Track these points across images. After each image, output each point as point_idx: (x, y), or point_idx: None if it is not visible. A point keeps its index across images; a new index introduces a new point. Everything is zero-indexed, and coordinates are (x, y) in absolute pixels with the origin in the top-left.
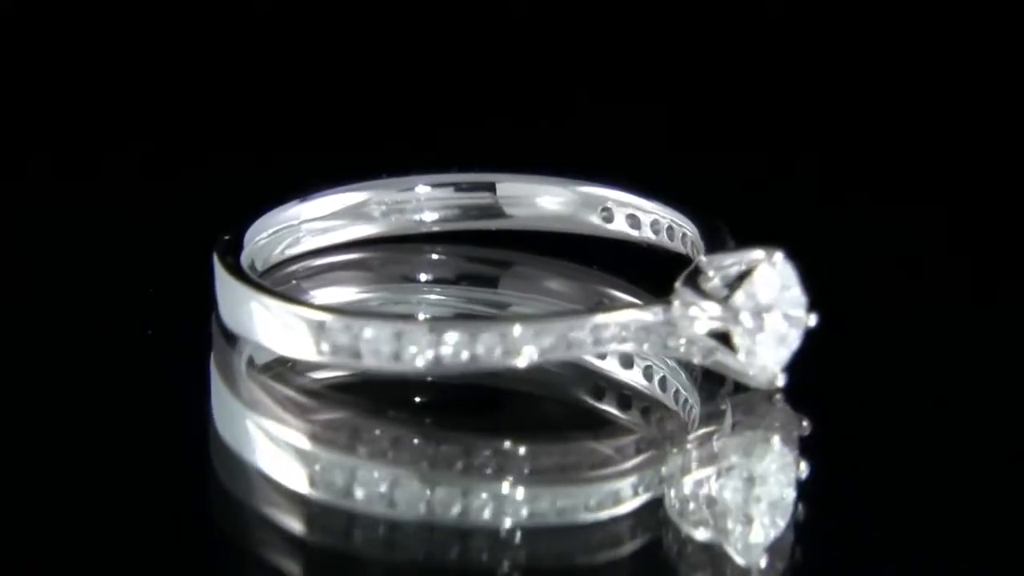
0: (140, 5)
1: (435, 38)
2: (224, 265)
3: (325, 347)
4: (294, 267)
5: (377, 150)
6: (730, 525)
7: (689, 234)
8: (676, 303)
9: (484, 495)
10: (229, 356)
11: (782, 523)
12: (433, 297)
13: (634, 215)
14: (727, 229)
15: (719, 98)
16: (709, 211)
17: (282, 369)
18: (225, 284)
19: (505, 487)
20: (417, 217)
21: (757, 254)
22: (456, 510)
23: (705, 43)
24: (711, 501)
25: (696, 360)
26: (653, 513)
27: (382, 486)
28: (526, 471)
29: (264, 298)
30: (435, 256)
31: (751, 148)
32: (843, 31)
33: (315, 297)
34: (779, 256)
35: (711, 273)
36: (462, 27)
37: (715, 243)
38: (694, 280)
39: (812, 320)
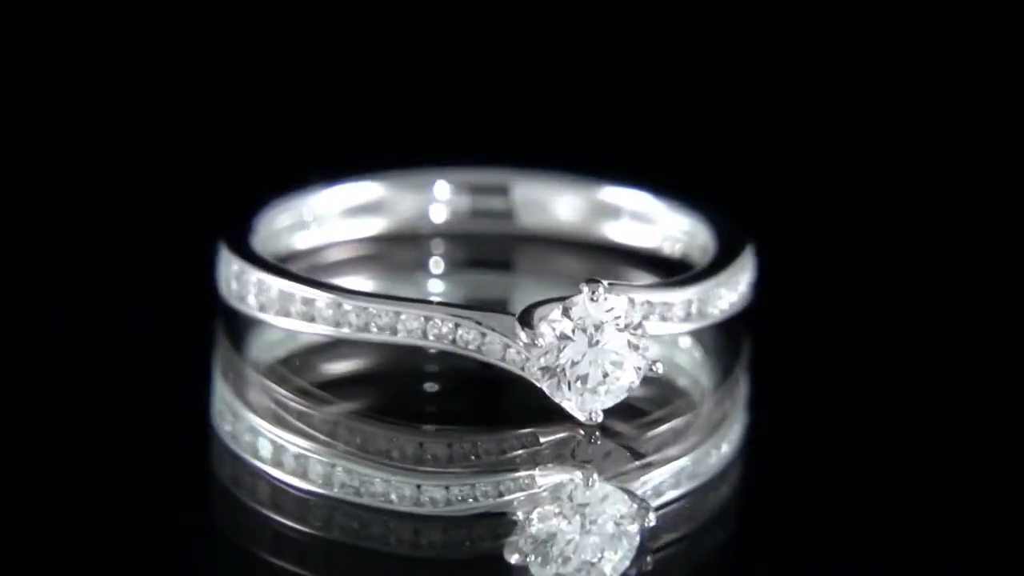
0: None
1: (456, 32)
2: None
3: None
4: (305, 257)
5: (393, 143)
6: (529, 555)
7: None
8: (515, 323)
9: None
10: (233, 357)
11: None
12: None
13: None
14: (747, 236)
15: (743, 100)
16: (730, 218)
17: (286, 371)
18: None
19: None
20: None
21: (582, 300)
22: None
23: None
24: (521, 527)
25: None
26: None
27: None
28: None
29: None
30: (445, 243)
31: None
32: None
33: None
34: (612, 303)
35: (561, 309)
36: (483, 20)
37: (728, 253)
38: (535, 308)
39: (659, 368)
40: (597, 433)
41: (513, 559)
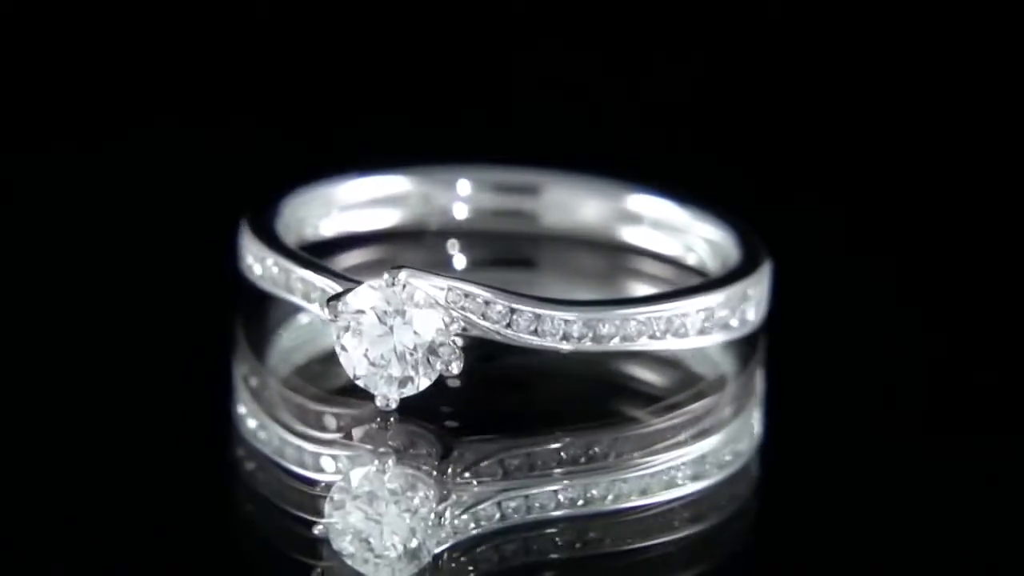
0: None
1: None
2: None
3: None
4: (327, 246)
5: (422, 136)
6: (328, 531)
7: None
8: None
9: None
10: (254, 363)
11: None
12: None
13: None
14: (765, 247)
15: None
16: (753, 228)
17: (304, 377)
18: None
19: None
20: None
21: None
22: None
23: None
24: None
25: None
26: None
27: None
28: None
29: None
30: (468, 239)
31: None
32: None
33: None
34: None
35: (360, 291)
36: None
37: (748, 262)
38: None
39: (454, 368)
40: (391, 419)
41: (316, 531)
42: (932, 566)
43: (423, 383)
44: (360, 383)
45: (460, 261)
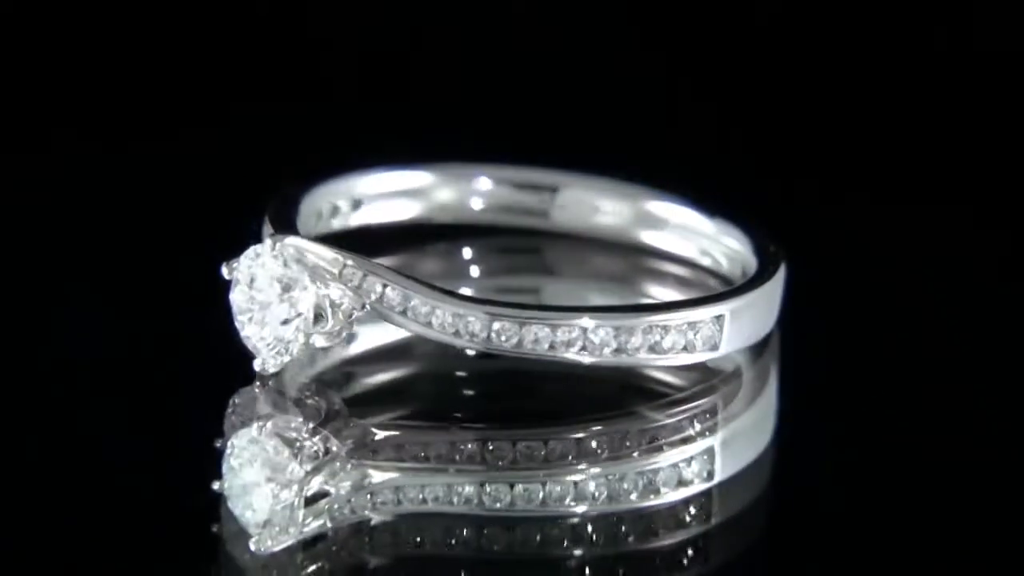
0: None
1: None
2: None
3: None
4: (340, 239)
5: (443, 133)
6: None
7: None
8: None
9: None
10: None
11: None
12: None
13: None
14: (782, 253)
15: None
16: (768, 234)
17: (315, 388)
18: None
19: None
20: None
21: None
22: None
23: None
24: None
25: None
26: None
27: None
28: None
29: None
30: (484, 236)
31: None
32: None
33: None
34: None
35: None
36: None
37: (763, 269)
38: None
39: (319, 341)
40: (269, 384)
41: (215, 487)
42: (942, 565)
43: (294, 350)
44: (247, 344)
45: (474, 256)
